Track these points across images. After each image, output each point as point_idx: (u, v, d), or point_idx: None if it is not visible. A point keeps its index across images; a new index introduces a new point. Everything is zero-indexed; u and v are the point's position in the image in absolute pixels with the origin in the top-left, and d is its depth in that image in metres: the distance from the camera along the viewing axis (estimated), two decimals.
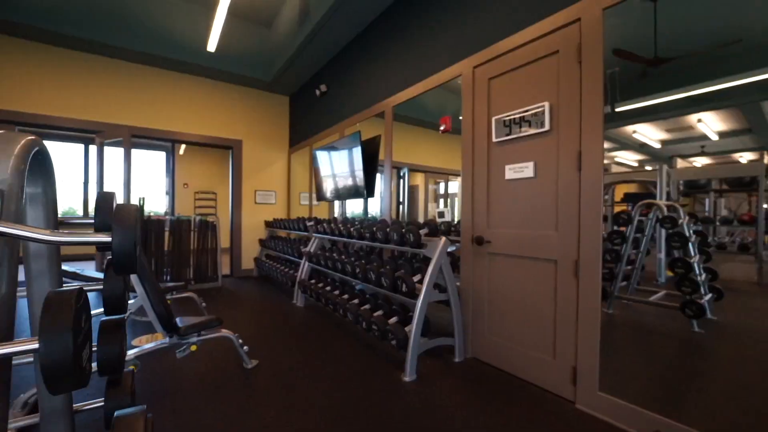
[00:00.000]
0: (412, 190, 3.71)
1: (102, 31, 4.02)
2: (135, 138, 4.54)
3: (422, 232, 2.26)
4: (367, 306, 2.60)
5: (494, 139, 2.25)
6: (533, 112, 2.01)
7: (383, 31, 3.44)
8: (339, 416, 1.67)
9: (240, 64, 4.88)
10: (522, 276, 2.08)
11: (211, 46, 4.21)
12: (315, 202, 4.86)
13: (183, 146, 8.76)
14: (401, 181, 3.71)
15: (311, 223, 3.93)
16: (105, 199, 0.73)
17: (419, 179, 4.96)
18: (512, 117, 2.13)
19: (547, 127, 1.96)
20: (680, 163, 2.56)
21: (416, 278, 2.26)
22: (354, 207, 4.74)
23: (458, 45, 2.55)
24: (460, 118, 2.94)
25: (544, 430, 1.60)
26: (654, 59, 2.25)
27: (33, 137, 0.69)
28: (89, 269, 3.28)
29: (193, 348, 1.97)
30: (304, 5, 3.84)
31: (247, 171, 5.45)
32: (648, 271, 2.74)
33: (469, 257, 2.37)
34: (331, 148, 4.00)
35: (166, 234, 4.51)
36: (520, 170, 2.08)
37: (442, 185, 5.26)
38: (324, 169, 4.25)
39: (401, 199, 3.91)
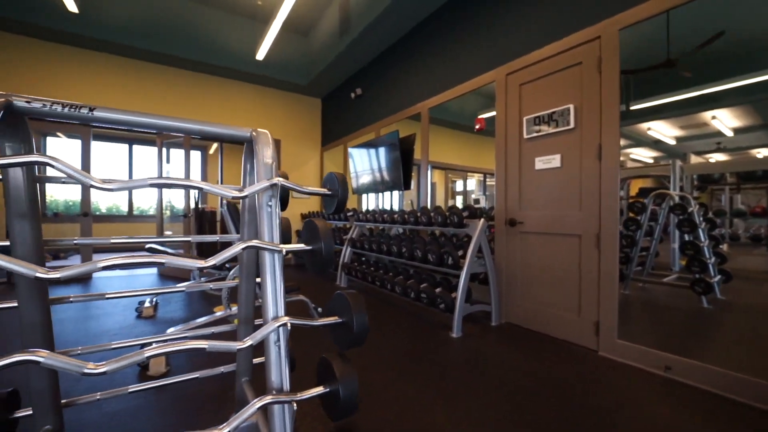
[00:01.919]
0: (432, 187, 4.12)
1: (166, 44, 4.54)
2: (214, 142, 5.06)
3: (464, 214, 2.67)
4: (411, 281, 3.03)
5: (525, 136, 2.65)
6: (560, 112, 2.41)
7: (419, 40, 3.86)
8: (407, 362, 2.10)
9: (281, 70, 5.35)
10: (550, 250, 2.48)
11: (261, 54, 4.69)
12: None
13: (215, 145, 9.31)
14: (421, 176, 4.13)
15: (351, 213, 4.37)
16: (309, 223, 1.08)
17: (437, 176, 5.36)
18: (541, 117, 2.53)
19: (572, 125, 2.35)
20: (695, 160, 2.90)
21: (458, 254, 2.67)
22: (373, 201, 5.18)
23: (492, 55, 2.95)
24: (479, 117, 3.35)
25: (573, 370, 2.00)
26: (666, 62, 2.61)
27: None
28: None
29: None
30: (345, 18, 4.29)
31: (285, 168, 5.93)
32: (662, 262, 3.10)
33: (503, 236, 2.78)
34: (368, 145, 4.43)
35: (218, 224, 5.02)
36: (548, 161, 2.49)
37: (459, 182, 5.66)
38: (359, 165, 4.69)
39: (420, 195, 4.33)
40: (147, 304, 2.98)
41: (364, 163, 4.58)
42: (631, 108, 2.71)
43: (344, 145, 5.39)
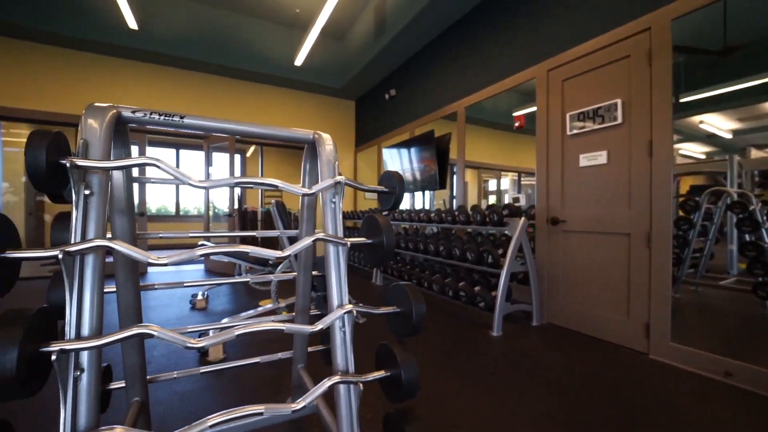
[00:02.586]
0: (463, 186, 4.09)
1: (212, 54, 4.84)
2: (252, 145, 5.36)
3: (504, 213, 2.66)
4: (448, 279, 3.04)
5: (568, 132, 2.59)
6: (606, 107, 2.34)
7: (455, 39, 3.86)
8: (447, 358, 2.13)
9: (317, 74, 5.53)
10: (596, 249, 2.42)
11: (299, 60, 4.89)
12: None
13: (252, 148, 9.76)
14: (454, 176, 4.11)
15: (386, 212, 4.44)
16: (370, 218, 1.13)
17: (469, 175, 5.31)
18: (586, 113, 2.47)
19: (619, 120, 2.28)
20: (756, 154, 2.71)
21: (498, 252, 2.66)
22: (407, 201, 5.20)
23: (532, 52, 2.91)
24: (518, 114, 3.30)
25: (622, 372, 1.94)
26: (723, 50, 2.46)
27: None
28: None
29: None
30: (380, 21, 4.37)
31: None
32: (716, 264, 2.91)
33: (545, 235, 2.74)
34: (402, 146, 4.48)
35: (259, 223, 5.28)
36: (594, 158, 2.42)
37: (492, 182, 5.57)
38: (393, 165, 4.75)
39: (454, 194, 4.31)
40: (200, 297, 3.20)
41: (397, 163, 4.64)
42: (681, 100, 2.58)
43: (378, 145, 5.48)
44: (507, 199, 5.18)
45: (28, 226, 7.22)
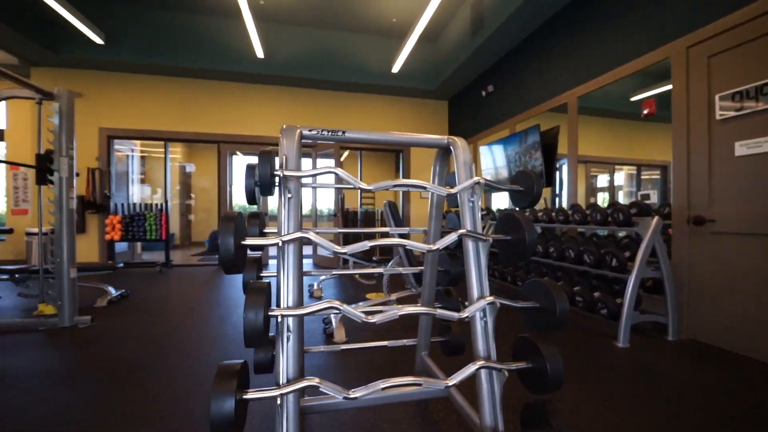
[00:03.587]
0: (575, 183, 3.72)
1: (320, 70, 5.40)
2: (346, 150, 5.88)
3: (632, 211, 2.39)
4: (560, 282, 2.86)
5: (717, 117, 2.21)
6: None
7: (563, 26, 3.60)
8: (570, 364, 2.03)
9: (410, 78, 5.71)
10: (757, 254, 2.01)
11: (396, 67, 5.13)
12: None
13: (346, 152, 10.52)
14: (557, 172, 3.78)
15: (485, 212, 4.36)
16: (508, 215, 1.18)
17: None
18: (745, 92, 2.07)
19: None
20: None
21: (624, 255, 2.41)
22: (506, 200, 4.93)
23: (662, 29, 2.56)
24: (632, 99, 2.89)
25: None
26: None
27: None
28: None
29: None
30: (477, 19, 4.32)
31: (414, 170, 6.30)
32: None
33: (684, 237, 2.37)
34: (501, 142, 4.34)
35: (359, 222, 5.69)
36: (758, 145, 2.02)
37: (602, 177, 4.95)
38: (491, 163, 4.62)
39: (557, 192, 3.96)
40: (316, 287, 3.62)
41: (496, 161, 4.51)
42: None
43: (474, 144, 5.39)
44: (621, 197, 4.58)
45: (181, 223, 9.05)
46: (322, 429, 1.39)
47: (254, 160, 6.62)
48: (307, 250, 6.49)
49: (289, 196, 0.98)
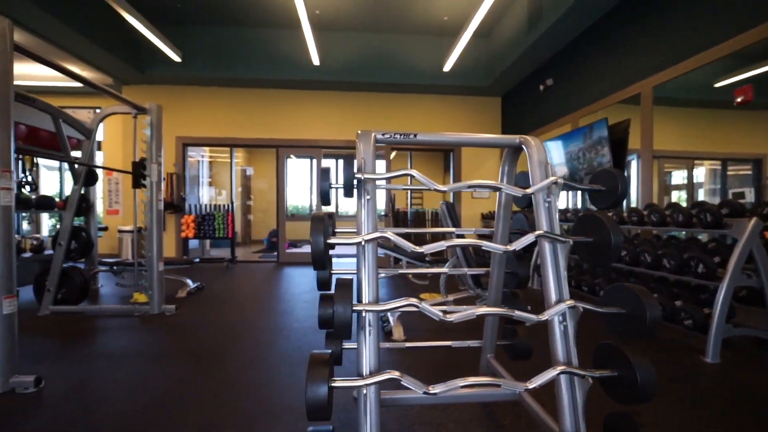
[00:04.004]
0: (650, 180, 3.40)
1: (372, 73, 5.51)
2: (394, 150, 5.96)
3: (723, 212, 2.15)
4: None
5: None
6: None
7: (635, 10, 3.31)
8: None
9: (464, 75, 5.61)
10: None
11: (447, 66, 5.08)
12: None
13: (393, 152, 10.61)
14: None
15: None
16: (590, 216, 1.11)
17: (643, 168, 4.34)
18: None
19: None
20: None
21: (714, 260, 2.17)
22: (569, 199, 4.63)
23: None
24: (719, 85, 2.56)
25: None
26: None
27: None
28: None
29: None
30: (535, 10, 4.13)
31: (465, 169, 6.18)
32: None
33: None
34: (563, 138, 4.11)
35: (408, 222, 5.72)
36: None
37: (678, 173, 4.44)
38: (549, 160, 4.39)
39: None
40: None
41: (553, 159, 4.28)
42: None
43: None
44: (702, 195, 4.10)
45: (242, 222, 9.74)
46: (390, 423, 1.44)
47: (306, 163, 6.90)
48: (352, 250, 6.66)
49: (368, 197, 1.03)
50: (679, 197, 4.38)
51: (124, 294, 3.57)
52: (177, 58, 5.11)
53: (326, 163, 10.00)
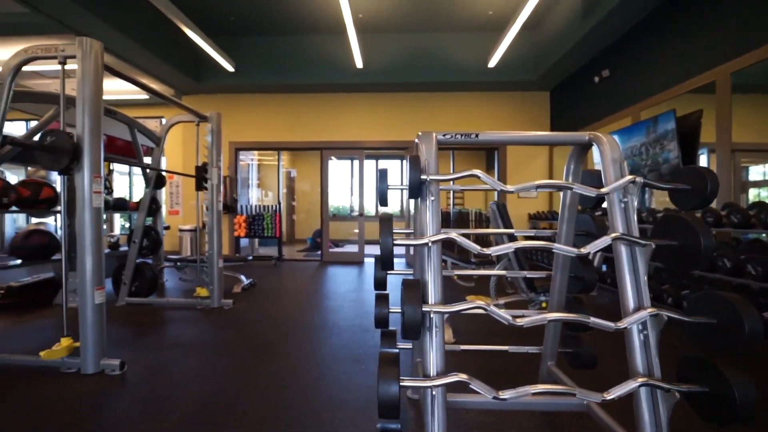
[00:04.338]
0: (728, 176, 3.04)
1: (414, 74, 5.50)
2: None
3: None
4: None
5: None
6: None
7: None
8: None
9: (510, 70, 5.42)
10: None
11: (492, 62, 4.93)
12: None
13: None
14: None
15: (599, 213, 3.91)
16: (673, 217, 1.01)
17: (713, 162, 3.89)
18: None
19: None
20: None
21: None
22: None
23: None
24: None
25: None
26: None
27: None
28: None
29: (543, 305, 2.48)
30: None
31: (511, 168, 5.98)
32: None
33: None
34: (622, 133, 3.83)
35: (451, 223, 5.64)
36: None
37: (755, 169, 3.93)
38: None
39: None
40: None
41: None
42: None
43: None
44: None
45: (287, 222, 10.15)
46: (448, 426, 1.42)
47: (347, 164, 7.04)
48: (399, 250, 6.68)
49: (432, 198, 1.03)
50: (757, 195, 3.90)
51: (185, 288, 3.87)
52: (230, 68, 5.44)
53: (368, 164, 10.15)
